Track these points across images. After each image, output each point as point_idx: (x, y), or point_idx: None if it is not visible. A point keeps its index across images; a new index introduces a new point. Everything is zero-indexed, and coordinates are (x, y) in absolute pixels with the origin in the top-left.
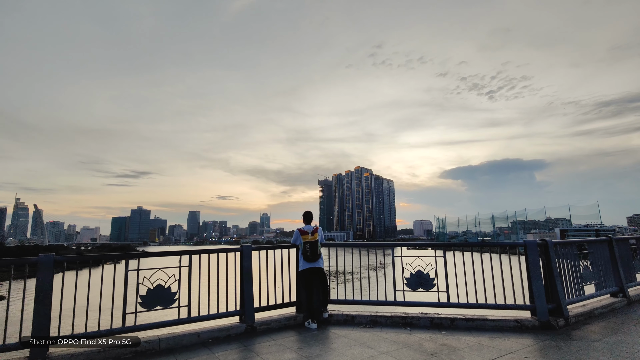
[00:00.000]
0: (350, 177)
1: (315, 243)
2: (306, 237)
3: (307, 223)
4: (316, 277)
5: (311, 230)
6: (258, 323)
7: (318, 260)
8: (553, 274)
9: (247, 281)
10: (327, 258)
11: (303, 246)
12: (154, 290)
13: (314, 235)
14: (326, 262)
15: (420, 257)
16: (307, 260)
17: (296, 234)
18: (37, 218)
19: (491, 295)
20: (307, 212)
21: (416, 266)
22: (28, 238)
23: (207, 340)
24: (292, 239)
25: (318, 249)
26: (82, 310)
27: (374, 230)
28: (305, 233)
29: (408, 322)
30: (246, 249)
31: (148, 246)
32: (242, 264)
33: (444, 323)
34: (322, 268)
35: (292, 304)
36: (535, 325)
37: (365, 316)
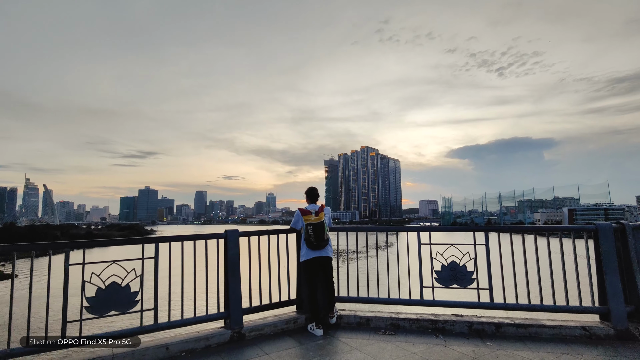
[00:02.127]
0: (356, 156)
1: (320, 225)
2: (309, 218)
3: (311, 202)
4: (322, 269)
5: (315, 209)
6: (247, 328)
7: (325, 247)
8: (632, 267)
9: (233, 276)
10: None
11: (305, 230)
12: (106, 290)
13: (319, 216)
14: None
15: (455, 244)
16: (311, 247)
17: (297, 216)
18: (47, 198)
19: (548, 294)
20: (311, 188)
21: (449, 256)
22: (39, 218)
23: (179, 354)
24: (292, 222)
25: (324, 232)
26: None
27: (380, 210)
28: (307, 213)
29: (439, 328)
30: (231, 235)
31: (156, 225)
32: (227, 253)
33: (486, 329)
34: (330, 257)
35: (291, 302)
36: (610, 334)
37: (384, 319)
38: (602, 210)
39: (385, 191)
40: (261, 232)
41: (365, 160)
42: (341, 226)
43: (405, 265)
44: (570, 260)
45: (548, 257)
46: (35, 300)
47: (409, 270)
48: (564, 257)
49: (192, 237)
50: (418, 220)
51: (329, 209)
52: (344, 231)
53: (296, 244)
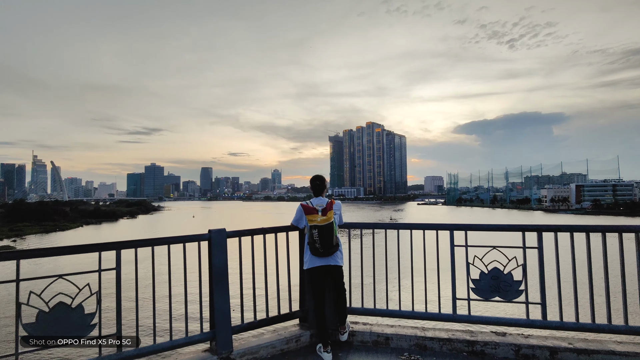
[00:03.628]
0: (362, 132)
1: (328, 228)
2: (314, 218)
3: (317, 194)
4: (330, 279)
5: (322, 206)
6: (238, 352)
7: (334, 254)
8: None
9: (219, 287)
10: (347, 243)
11: (309, 233)
12: (51, 314)
13: (328, 215)
14: None
15: (499, 247)
16: (316, 254)
17: (299, 212)
18: (55, 175)
19: (618, 311)
20: (317, 177)
21: (491, 261)
22: (49, 194)
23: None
24: (292, 219)
25: (333, 236)
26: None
27: (385, 186)
28: (312, 211)
29: (477, 351)
30: (217, 236)
31: (163, 201)
32: (212, 261)
33: (538, 355)
34: (340, 266)
35: (293, 315)
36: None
37: (407, 337)
38: (611, 186)
39: (391, 167)
40: (255, 231)
41: (370, 137)
42: (355, 222)
43: (433, 272)
44: None
45: (620, 264)
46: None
47: (439, 278)
48: None
49: (167, 241)
50: (423, 196)
51: (340, 204)
52: (357, 228)
53: (299, 245)
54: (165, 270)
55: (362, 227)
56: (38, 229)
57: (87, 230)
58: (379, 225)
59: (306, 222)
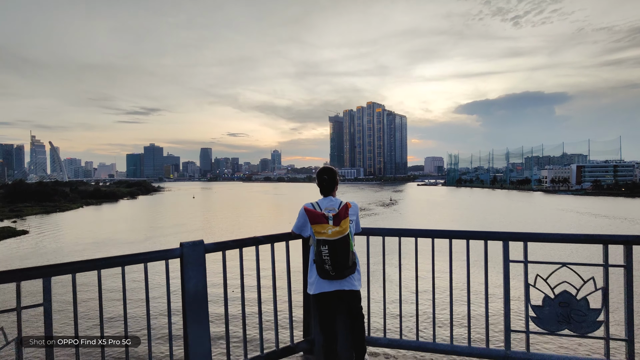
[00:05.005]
0: (362, 113)
1: (343, 243)
2: (322, 229)
3: (326, 193)
4: (344, 307)
5: (334, 210)
6: None
7: (348, 277)
8: None
9: (196, 320)
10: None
11: (316, 248)
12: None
13: (342, 226)
14: None
15: (569, 264)
16: (326, 276)
17: (301, 217)
18: (54, 155)
19: None
20: (326, 170)
21: (559, 283)
22: (48, 175)
23: None
24: (294, 225)
25: (349, 254)
26: None
27: (385, 167)
28: (320, 219)
29: None
30: (192, 252)
31: (164, 182)
32: (185, 285)
33: None
34: (358, 291)
35: (296, 348)
36: None
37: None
38: (612, 167)
39: (391, 148)
40: (245, 242)
41: (371, 117)
42: (375, 228)
43: (479, 295)
44: None
45: None
46: None
47: (487, 303)
48: None
49: (118, 261)
50: (423, 177)
51: (357, 207)
52: (378, 235)
53: (302, 258)
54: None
55: (385, 234)
56: (38, 210)
57: (87, 211)
58: (408, 231)
59: (311, 232)
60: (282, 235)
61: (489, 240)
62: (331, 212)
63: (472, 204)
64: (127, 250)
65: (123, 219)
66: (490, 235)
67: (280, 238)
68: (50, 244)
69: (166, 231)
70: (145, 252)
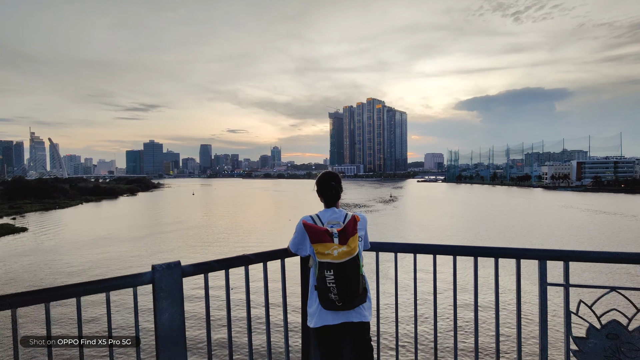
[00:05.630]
0: (362, 109)
1: (352, 267)
2: (326, 250)
3: (329, 203)
4: (350, 338)
5: (338, 225)
6: None
7: (358, 307)
8: None
9: (171, 358)
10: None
11: (319, 271)
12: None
13: (349, 245)
14: None
15: (619, 289)
16: (330, 307)
17: (299, 234)
18: (53, 152)
19: None
20: (330, 175)
21: (607, 311)
22: (48, 171)
23: None
24: (290, 241)
25: (360, 280)
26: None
27: (385, 164)
28: (322, 236)
29: None
30: (165, 277)
31: (163, 179)
32: (158, 317)
33: None
34: (367, 322)
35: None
36: None
37: None
38: (612, 163)
39: (391, 144)
40: (231, 262)
41: (371, 113)
42: (386, 243)
43: (509, 326)
44: None
45: None
46: None
47: (520, 333)
48: None
49: (69, 292)
50: (423, 173)
51: (365, 221)
52: (389, 251)
53: (301, 281)
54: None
55: (399, 250)
56: (38, 207)
57: (87, 208)
58: (425, 247)
59: (312, 252)
60: (277, 252)
61: (522, 259)
62: (335, 227)
63: (472, 201)
64: (127, 248)
65: (123, 215)
66: (524, 253)
67: (274, 255)
68: (49, 241)
69: (166, 228)
70: (107, 279)
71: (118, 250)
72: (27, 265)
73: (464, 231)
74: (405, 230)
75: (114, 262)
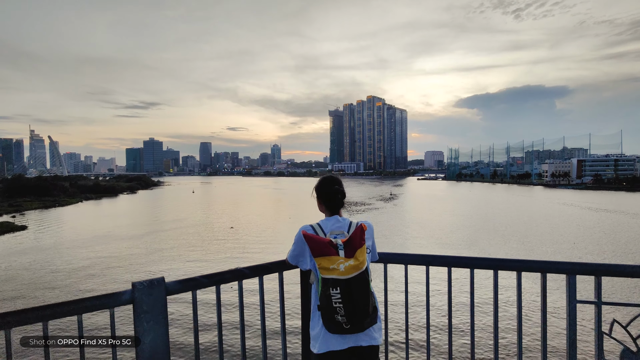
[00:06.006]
0: (362, 107)
1: (360, 283)
2: (330, 264)
3: (333, 208)
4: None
5: (344, 234)
6: None
7: (368, 329)
8: None
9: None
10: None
11: (323, 288)
12: None
13: (357, 258)
14: None
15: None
16: (336, 330)
17: (298, 245)
18: (53, 150)
19: None
20: (334, 179)
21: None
22: (48, 169)
23: None
24: (288, 253)
25: (369, 295)
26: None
27: (385, 161)
28: (325, 249)
29: None
30: (144, 294)
31: (163, 176)
32: (140, 340)
33: None
34: (378, 346)
35: None
36: None
37: None
38: (612, 161)
39: (391, 142)
40: (223, 277)
41: (371, 111)
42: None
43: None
44: None
45: None
46: None
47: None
48: None
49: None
50: (423, 171)
51: (372, 229)
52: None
53: (301, 299)
54: None
55: (410, 262)
56: (38, 204)
57: (87, 206)
58: (440, 259)
59: (314, 266)
60: (274, 265)
61: (548, 273)
62: (340, 238)
63: (472, 199)
64: (127, 246)
65: (123, 213)
66: (550, 266)
67: (270, 269)
68: (49, 239)
69: (166, 226)
70: (80, 300)
71: (118, 249)
72: (26, 263)
73: (465, 229)
74: (406, 228)
75: (114, 260)
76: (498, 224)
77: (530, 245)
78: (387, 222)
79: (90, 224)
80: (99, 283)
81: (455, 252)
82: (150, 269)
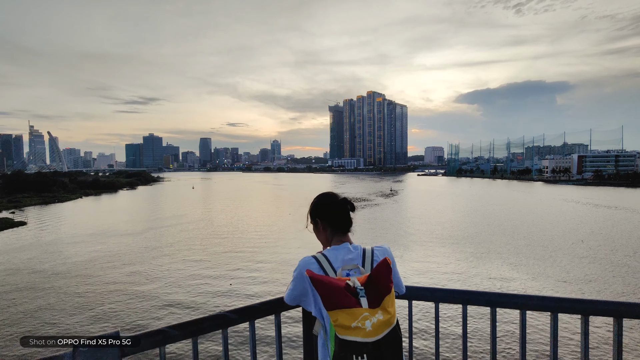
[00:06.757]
0: (362, 102)
1: (393, 343)
2: (351, 321)
3: (342, 229)
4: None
5: (358, 272)
6: None
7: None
8: None
9: None
10: None
11: (339, 350)
12: None
13: (389, 311)
14: None
15: None
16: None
17: (298, 283)
18: (52, 145)
19: None
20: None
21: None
22: (48, 165)
23: None
24: (287, 292)
25: (401, 356)
26: None
27: (385, 157)
28: (343, 301)
29: None
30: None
31: (163, 172)
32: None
33: None
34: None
35: None
36: None
37: None
38: (613, 156)
39: (391, 138)
40: (200, 326)
41: (371, 106)
42: (424, 288)
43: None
44: None
45: None
46: None
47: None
48: None
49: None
50: (423, 167)
51: (391, 255)
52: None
53: (303, 349)
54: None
55: (441, 299)
56: (37, 200)
57: (86, 202)
58: (479, 296)
59: (320, 311)
60: (268, 305)
61: (592, 316)
62: (355, 276)
63: (473, 195)
64: (126, 243)
65: (122, 209)
66: (600, 307)
67: (263, 311)
68: (48, 235)
69: (165, 222)
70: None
71: (117, 246)
72: (25, 259)
73: (465, 226)
74: (406, 225)
75: (114, 258)
76: (499, 221)
77: (534, 243)
78: (387, 218)
79: (89, 220)
80: (92, 283)
81: (457, 249)
82: (149, 269)
